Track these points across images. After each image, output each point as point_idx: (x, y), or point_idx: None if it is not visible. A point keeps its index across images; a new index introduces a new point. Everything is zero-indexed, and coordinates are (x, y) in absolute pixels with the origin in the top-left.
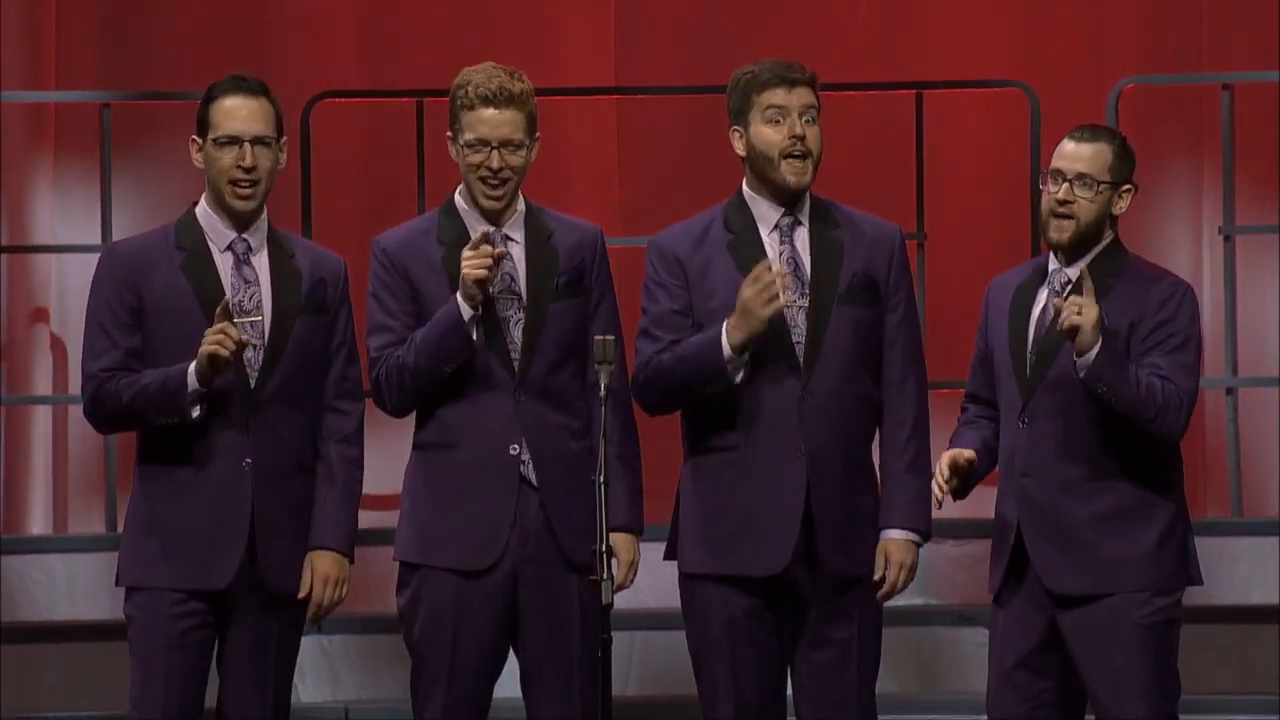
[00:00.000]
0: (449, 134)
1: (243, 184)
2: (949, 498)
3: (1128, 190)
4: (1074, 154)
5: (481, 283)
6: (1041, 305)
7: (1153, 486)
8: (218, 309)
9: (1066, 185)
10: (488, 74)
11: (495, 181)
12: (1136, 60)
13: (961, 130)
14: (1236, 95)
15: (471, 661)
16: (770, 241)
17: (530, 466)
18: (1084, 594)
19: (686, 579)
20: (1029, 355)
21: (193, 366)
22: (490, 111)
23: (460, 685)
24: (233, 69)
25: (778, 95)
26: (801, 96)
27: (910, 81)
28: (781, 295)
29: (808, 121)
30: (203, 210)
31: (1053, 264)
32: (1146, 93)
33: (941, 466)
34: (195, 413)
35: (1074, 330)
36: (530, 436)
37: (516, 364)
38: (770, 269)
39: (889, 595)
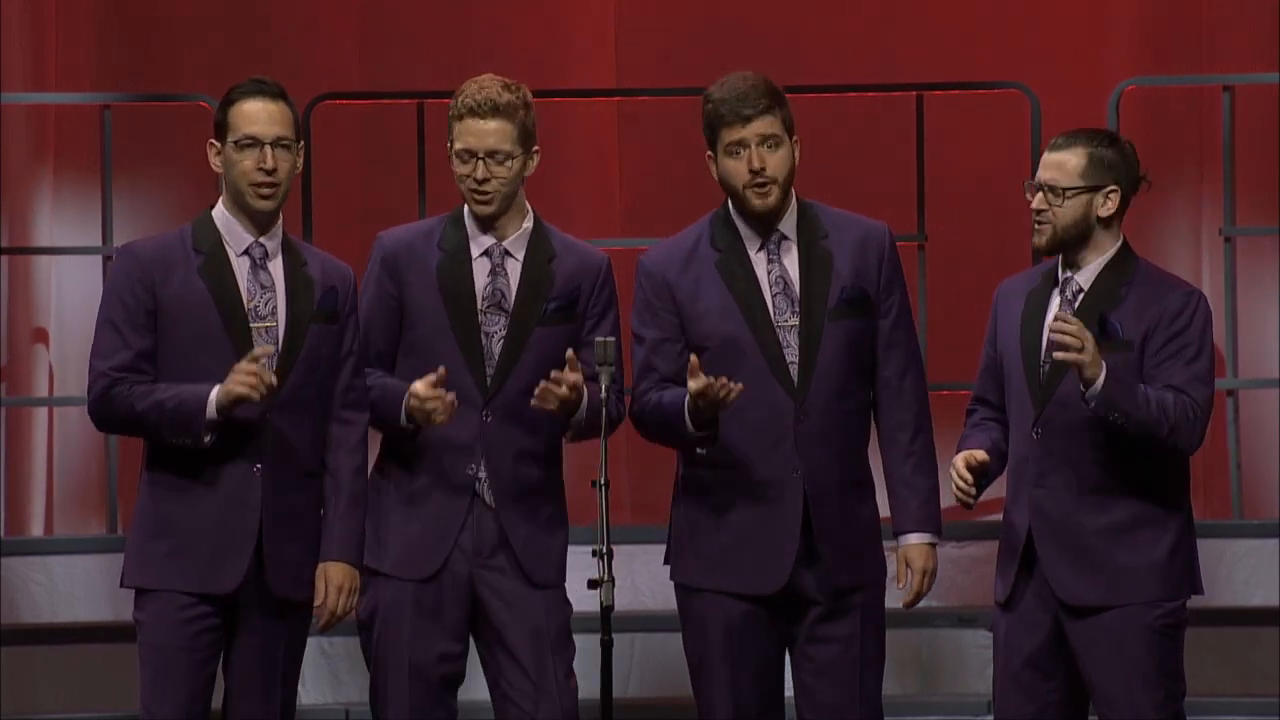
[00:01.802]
0: (449, 143)
1: (264, 186)
2: (960, 500)
3: (1113, 192)
4: (1045, 162)
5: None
6: (1054, 314)
7: (1164, 497)
8: (254, 352)
9: (1040, 194)
10: (480, 84)
11: (482, 193)
12: (1136, 61)
13: (961, 131)
14: (1237, 96)
15: (428, 668)
16: (759, 260)
17: (485, 485)
18: (1097, 605)
19: (683, 588)
20: (1042, 366)
21: (214, 395)
22: (476, 122)
23: (417, 693)
24: (232, 70)
25: (735, 131)
26: (759, 128)
27: (910, 82)
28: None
29: (769, 148)
30: (220, 213)
31: (1063, 271)
32: (1147, 94)
33: (958, 469)
34: (207, 439)
35: (1076, 366)
36: (490, 458)
37: (490, 381)
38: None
39: (914, 602)
